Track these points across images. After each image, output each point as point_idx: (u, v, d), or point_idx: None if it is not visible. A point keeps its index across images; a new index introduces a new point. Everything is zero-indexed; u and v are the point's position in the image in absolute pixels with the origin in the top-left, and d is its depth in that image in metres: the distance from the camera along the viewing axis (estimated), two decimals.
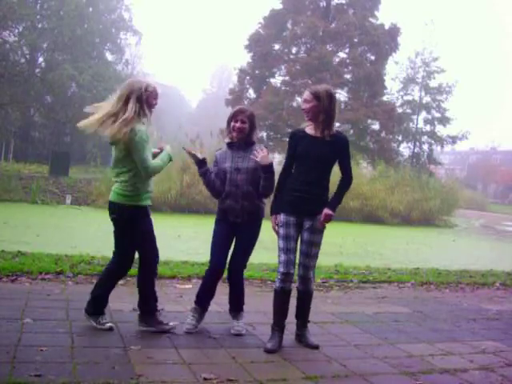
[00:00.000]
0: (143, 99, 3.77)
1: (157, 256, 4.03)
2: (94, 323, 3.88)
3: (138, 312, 4.05)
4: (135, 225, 3.88)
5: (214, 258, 4.13)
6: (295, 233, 3.91)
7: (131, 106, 3.71)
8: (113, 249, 4.06)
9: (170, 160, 4.04)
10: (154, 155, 3.98)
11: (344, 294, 6.06)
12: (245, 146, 4.18)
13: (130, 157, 3.77)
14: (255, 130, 4.25)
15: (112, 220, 3.94)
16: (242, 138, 4.15)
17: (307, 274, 3.94)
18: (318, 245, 3.94)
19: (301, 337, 4.02)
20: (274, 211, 4.00)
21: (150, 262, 4.00)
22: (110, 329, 3.89)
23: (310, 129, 3.95)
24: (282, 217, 3.93)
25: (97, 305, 3.93)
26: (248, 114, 4.15)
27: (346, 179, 3.99)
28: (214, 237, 4.20)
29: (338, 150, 3.91)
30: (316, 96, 3.84)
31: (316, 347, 3.90)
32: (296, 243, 3.94)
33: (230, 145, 4.21)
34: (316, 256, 3.96)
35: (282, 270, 3.89)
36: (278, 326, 3.92)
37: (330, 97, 3.86)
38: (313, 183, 3.87)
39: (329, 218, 3.85)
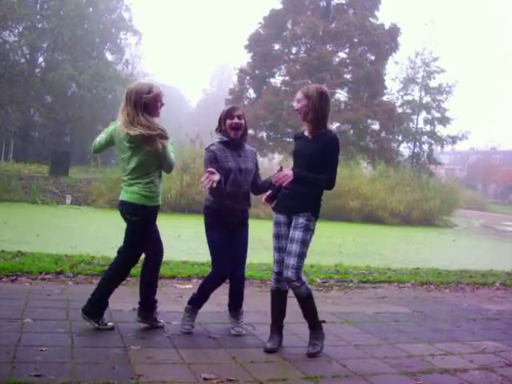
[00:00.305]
0: (145, 103, 3.82)
1: (162, 249, 4.12)
2: (96, 324, 3.88)
3: (139, 307, 4.06)
4: (152, 224, 3.98)
5: (220, 266, 4.03)
6: (286, 231, 3.83)
7: (138, 110, 3.78)
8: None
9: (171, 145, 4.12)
10: None
11: (344, 294, 6.05)
12: (240, 145, 4.15)
13: (154, 158, 3.84)
14: (247, 128, 4.23)
15: (132, 221, 3.91)
16: (238, 136, 4.10)
17: (287, 275, 3.70)
18: (298, 242, 3.69)
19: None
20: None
21: (158, 255, 4.08)
22: (112, 328, 3.90)
23: (306, 130, 3.95)
24: (273, 216, 3.93)
25: (98, 307, 3.92)
26: (242, 111, 4.15)
27: (326, 178, 3.75)
28: (213, 243, 4.06)
29: (321, 147, 3.77)
30: (306, 95, 3.79)
31: (309, 355, 3.73)
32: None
33: (227, 143, 4.09)
34: (296, 254, 3.68)
35: (274, 269, 3.90)
36: (277, 325, 3.91)
37: (321, 95, 3.76)
38: (299, 182, 3.77)
39: (283, 175, 3.64)
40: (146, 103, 3.82)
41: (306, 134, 3.90)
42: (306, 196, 3.77)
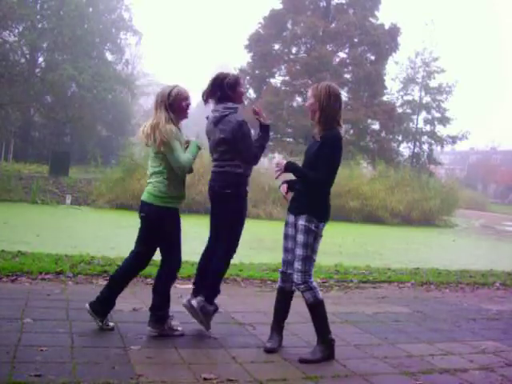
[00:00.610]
0: (169, 104, 3.84)
1: (179, 261, 4.04)
2: (100, 323, 3.88)
3: (150, 315, 3.91)
4: (162, 226, 3.90)
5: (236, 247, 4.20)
6: (292, 232, 3.82)
7: (158, 112, 3.83)
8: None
9: (199, 149, 4.05)
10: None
11: (344, 294, 6.06)
12: None
13: (164, 158, 3.84)
14: None
15: (140, 218, 3.97)
16: None
17: (293, 278, 3.70)
18: (300, 245, 3.66)
19: None
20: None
21: (172, 265, 4.00)
22: (112, 328, 3.90)
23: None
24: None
25: (106, 305, 3.91)
26: None
27: (314, 175, 3.65)
28: (241, 225, 4.14)
29: (320, 146, 3.68)
30: (315, 94, 3.69)
31: (299, 360, 3.62)
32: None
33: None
34: (300, 258, 3.65)
35: (280, 269, 3.91)
36: (278, 325, 3.90)
37: (329, 94, 3.65)
38: (303, 183, 3.77)
39: (280, 167, 3.70)
40: (170, 104, 3.83)
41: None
42: (306, 197, 3.72)
